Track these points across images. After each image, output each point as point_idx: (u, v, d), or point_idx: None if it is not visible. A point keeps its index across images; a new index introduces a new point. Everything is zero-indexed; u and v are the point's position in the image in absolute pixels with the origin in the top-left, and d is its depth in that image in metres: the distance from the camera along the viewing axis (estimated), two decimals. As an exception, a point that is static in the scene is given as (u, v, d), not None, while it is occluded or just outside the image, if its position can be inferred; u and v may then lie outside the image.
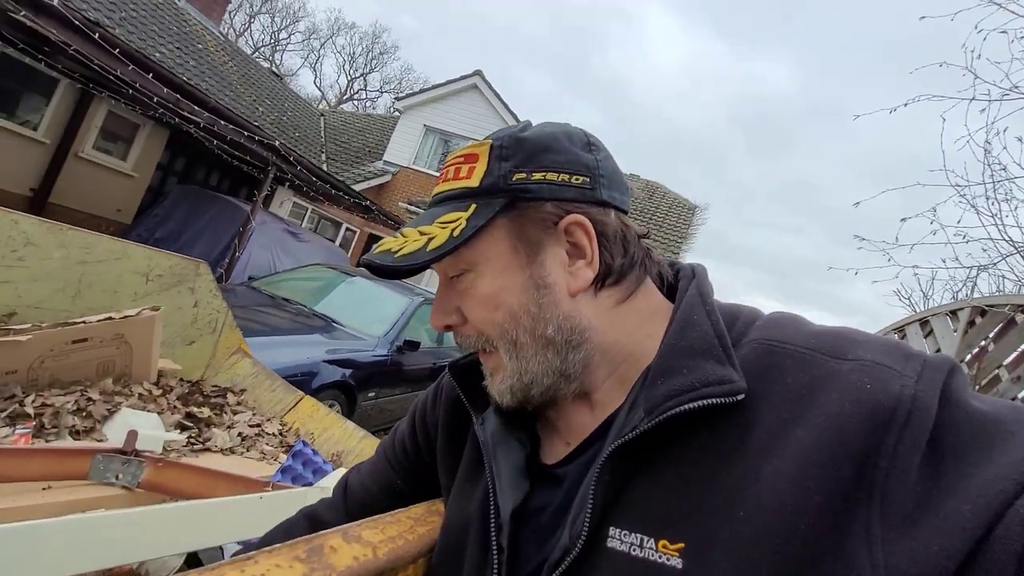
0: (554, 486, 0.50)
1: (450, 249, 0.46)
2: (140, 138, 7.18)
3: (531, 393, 0.50)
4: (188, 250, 5.66)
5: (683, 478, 0.41)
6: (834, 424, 0.37)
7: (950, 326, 2.42)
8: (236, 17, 26.76)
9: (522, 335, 0.49)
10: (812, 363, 0.41)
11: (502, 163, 0.49)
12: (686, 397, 0.41)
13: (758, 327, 0.47)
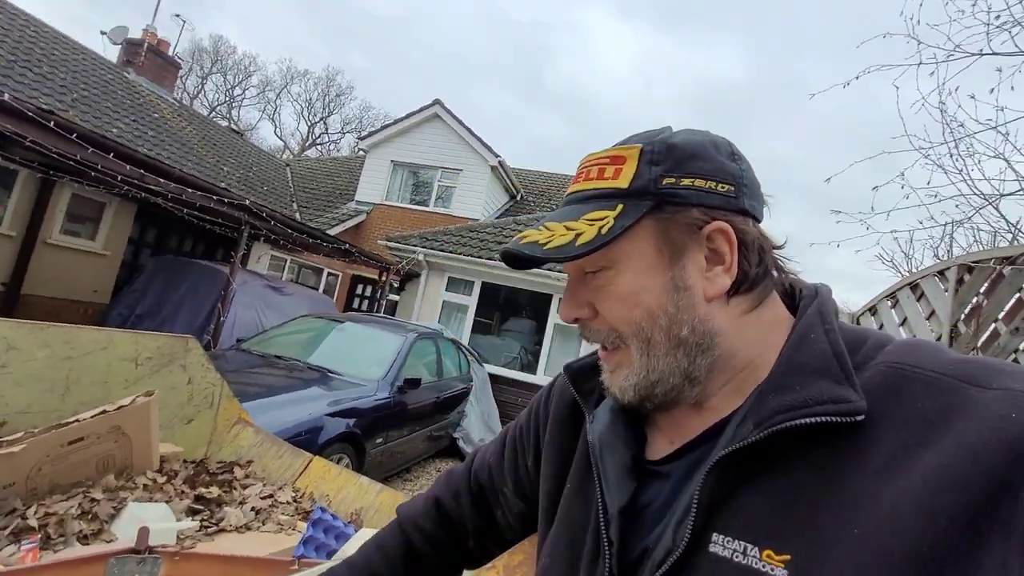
0: (659, 482, 0.52)
1: (598, 246, 0.48)
2: (107, 216, 7.08)
3: (654, 392, 0.51)
4: (171, 322, 5.55)
5: (793, 492, 0.42)
6: (970, 451, 0.36)
7: (940, 287, 2.46)
8: (188, 81, 26.83)
9: (657, 334, 0.50)
10: (948, 389, 0.40)
11: (652, 167, 0.50)
12: (797, 413, 0.42)
13: (888, 351, 0.46)
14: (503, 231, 8.89)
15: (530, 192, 13.40)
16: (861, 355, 0.46)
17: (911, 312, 2.66)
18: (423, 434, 5.11)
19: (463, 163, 11.33)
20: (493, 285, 8.35)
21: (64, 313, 6.68)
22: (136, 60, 9.89)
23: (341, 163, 15.19)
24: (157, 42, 10.51)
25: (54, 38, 8.32)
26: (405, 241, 8.49)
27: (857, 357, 0.46)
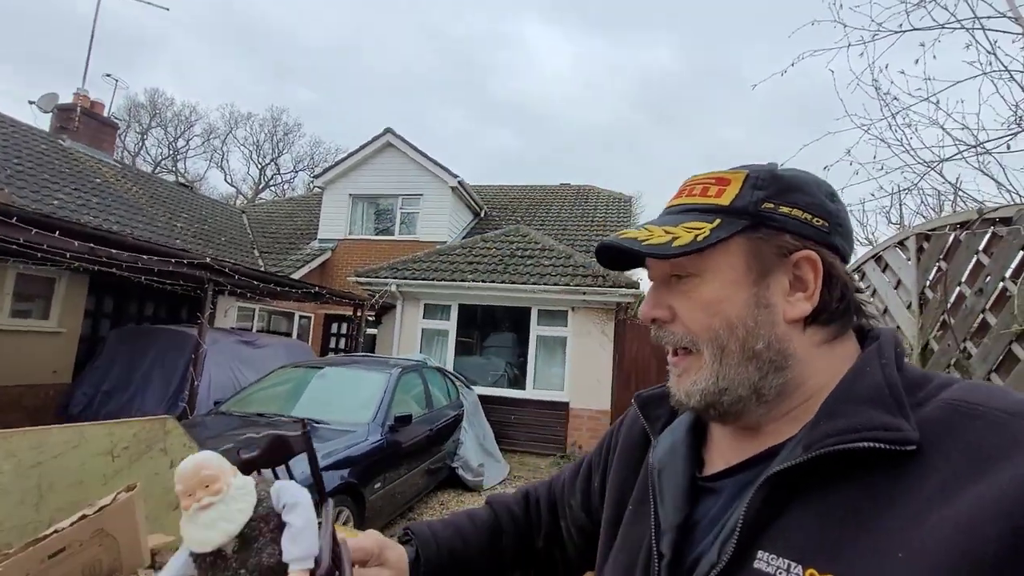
0: (711, 497, 0.55)
1: (692, 250, 0.51)
2: (59, 291, 6.75)
3: (721, 400, 0.53)
4: (141, 394, 5.30)
5: (840, 514, 0.43)
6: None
7: (902, 256, 2.56)
8: (127, 138, 26.04)
9: (732, 343, 0.52)
10: (1007, 425, 0.41)
11: (755, 191, 0.54)
12: (846, 437, 0.44)
13: (951, 390, 0.47)
14: (472, 251, 8.87)
15: (494, 207, 13.46)
16: (924, 393, 0.48)
17: (879, 283, 2.75)
18: (421, 470, 5.00)
19: (422, 188, 11.30)
20: (470, 306, 8.31)
21: (25, 399, 6.31)
22: (70, 126, 9.53)
23: (298, 203, 14.94)
24: (90, 105, 10.17)
25: (-22, 114, 7.96)
26: (375, 274, 8.38)
27: (920, 394, 0.47)
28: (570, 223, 12.26)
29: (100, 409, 5.26)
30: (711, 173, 0.58)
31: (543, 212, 13.05)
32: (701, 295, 0.54)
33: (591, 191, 14.36)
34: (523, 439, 7.55)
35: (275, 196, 28.46)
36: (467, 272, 8.15)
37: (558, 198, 14.01)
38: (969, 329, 2.04)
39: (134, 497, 1.71)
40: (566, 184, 15.22)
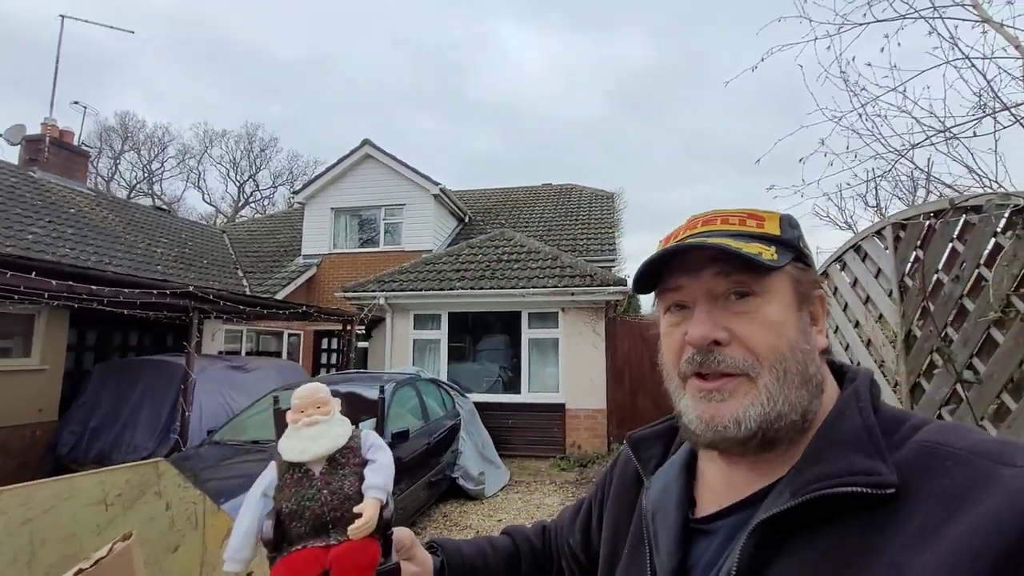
0: (706, 539, 0.55)
1: (778, 267, 0.53)
2: (39, 327, 6.60)
3: (775, 426, 0.51)
4: (131, 428, 5.20)
5: (828, 560, 0.44)
6: (992, 523, 0.39)
7: (880, 245, 2.61)
8: (100, 164, 25.56)
9: (793, 366, 0.52)
10: (975, 465, 0.43)
11: (792, 230, 0.58)
12: (830, 483, 0.46)
13: (924, 431, 0.49)
14: (459, 258, 8.86)
15: (478, 212, 13.45)
16: (900, 435, 0.49)
17: (860, 272, 2.80)
18: (422, 483, 4.98)
19: (404, 197, 11.26)
20: (460, 313, 8.29)
21: (10, 441, 6.15)
22: (40, 157, 9.33)
23: (280, 219, 14.79)
24: (60, 134, 9.95)
25: (-58, 151, 7.76)
26: (363, 288, 8.32)
27: (896, 436, 0.49)
28: (554, 223, 12.30)
29: (90, 447, 5.16)
30: (741, 209, 0.61)
31: (527, 213, 13.07)
32: (766, 315, 0.54)
33: (573, 189, 14.42)
34: (522, 443, 7.56)
35: (255, 213, 28.16)
36: (455, 280, 8.13)
37: (541, 198, 14.05)
38: (949, 315, 2.09)
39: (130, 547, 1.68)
40: (548, 184, 15.27)
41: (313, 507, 0.75)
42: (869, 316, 2.71)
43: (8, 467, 6.01)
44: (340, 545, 0.74)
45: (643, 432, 0.72)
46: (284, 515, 0.75)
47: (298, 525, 0.75)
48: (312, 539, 0.74)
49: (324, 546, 0.74)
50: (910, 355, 2.34)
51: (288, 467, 0.78)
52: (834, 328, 3.08)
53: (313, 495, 0.76)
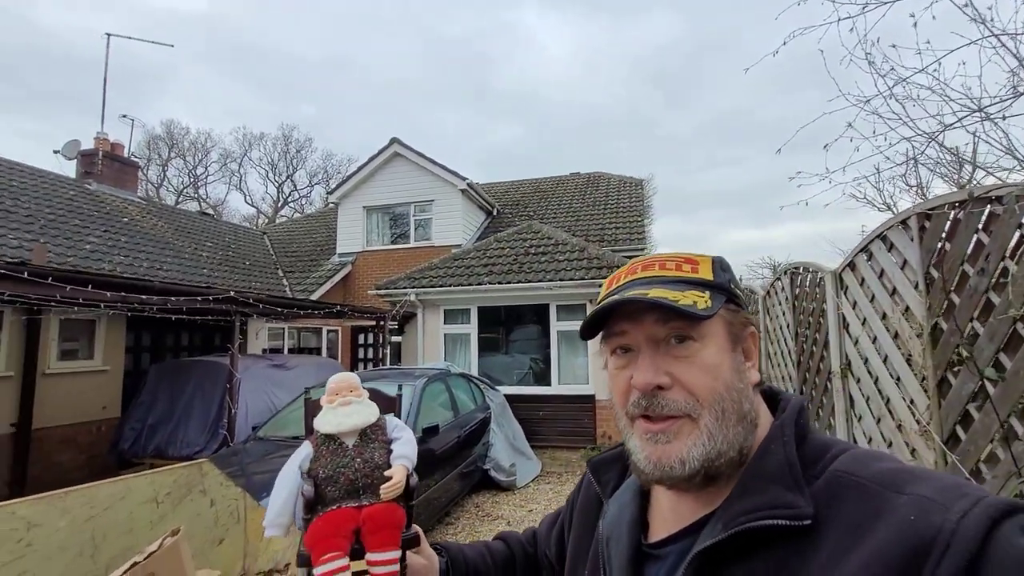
0: (657, 563, 0.60)
1: (712, 314, 0.57)
2: (100, 332, 7.12)
3: (716, 463, 0.55)
4: (184, 425, 5.58)
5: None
6: (881, 552, 0.43)
7: (905, 235, 2.52)
8: (150, 171, 26.94)
9: (730, 405, 0.56)
10: (873, 495, 0.48)
11: (723, 272, 0.63)
12: (754, 516, 0.50)
13: (840, 460, 0.53)
14: (487, 252, 8.95)
15: (505, 204, 13.50)
16: (820, 465, 0.54)
17: (886, 263, 2.72)
18: (455, 474, 5.14)
19: (433, 193, 11.42)
20: (489, 307, 8.40)
21: (79, 436, 6.71)
22: (94, 170, 9.97)
23: (316, 219, 15.27)
24: (111, 147, 10.59)
25: (10, 169, 8.40)
26: (394, 285, 8.54)
27: (817, 467, 0.53)
28: (583, 212, 12.21)
29: (148, 443, 5.57)
30: (676, 253, 0.65)
31: (555, 204, 13.02)
32: (703, 359, 0.57)
33: (601, 178, 14.24)
34: (553, 434, 7.64)
35: (294, 212, 29.09)
36: (483, 275, 8.24)
37: (569, 188, 13.95)
38: (975, 310, 2.01)
39: (179, 541, 1.86)
40: (576, 173, 15.14)
41: (347, 473, 0.87)
42: (896, 308, 2.63)
43: (78, 460, 6.56)
44: (371, 506, 0.86)
45: (603, 456, 0.76)
46: (320, 480, 0.87)
47: (333, 489, 0.86)
48: (345, 501, 0.86)
49: (357, 506, 0.86)
50: (936, 349, 2.27)
51: (324, 440, 0.91)
52: (862, 320, 3.00)
53: (347, 463, 0.89)
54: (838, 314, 3.28)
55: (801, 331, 4.09)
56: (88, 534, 1.73)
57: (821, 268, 3.55)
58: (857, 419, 3.11)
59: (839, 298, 3.27)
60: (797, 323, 4.17)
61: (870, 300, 2.88)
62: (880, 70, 3.12)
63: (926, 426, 2.36)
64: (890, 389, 2.68)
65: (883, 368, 2.75)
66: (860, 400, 3.05)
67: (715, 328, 0.59)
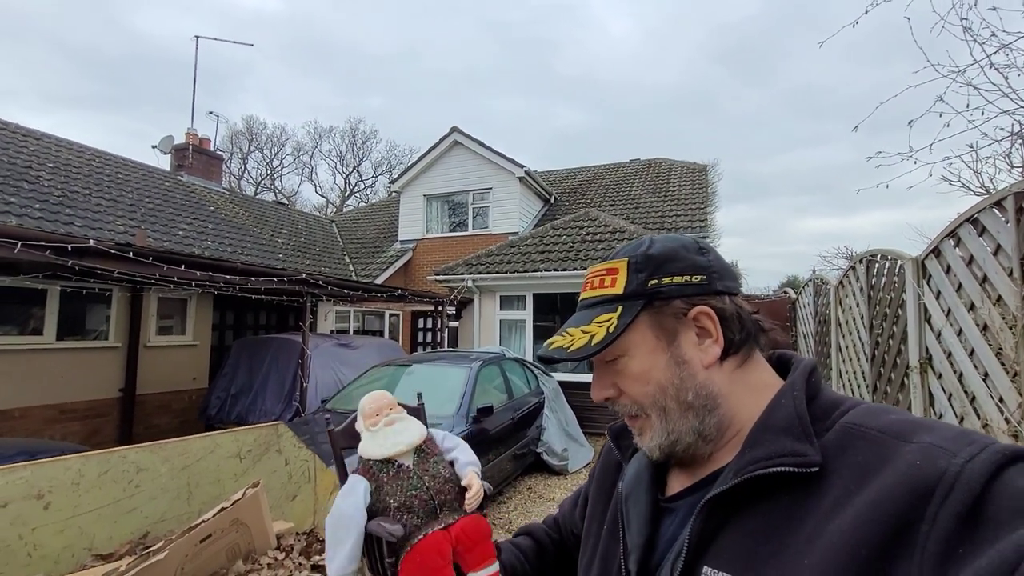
0: (671, 516, 0.63)
1: (608, 343, 0.61)
2: (191, 310, 7.85)
3: (676, 449, 0.62)
4: (262, 395, 6.08)
5: (765, 530, 0.51)
6: (886, 493, 0.45)
7: (1000, 218, 2.30)
8: (232, 164, 29.05)
9: (669, 402, 0.61)
10: (881, 444, 0.50)
11: (638, 274, 0.64)
12: (763, 464, 0.52)
13: (850, 413, 0.55)
14: (543, 240, 8.97)
15: (563, 191, 13.42)
16: (831, 419, 0.55)
17: (976, 249, 2.49)
18: (508, 455, 5.26)
19: (491, 181, 11.55)
20: (545, 295, 8.44)
21: (173, 403, 7.46)
22: (185, 163, 10.91)
23: (380, 207, 15.89)
24: (199, 141, 11.53)
25: (116, 163, 9.36)
26: (452, 271, 8.77)
27: (828, 421, 0.55)
28: (642, 200, 11.91)
29: (231, 410, 6.11)
30: (603, 264, 0.68)
31: (613, 192, 12.79)
32: (631, 370, 0.63)
33: (663, 164, 13.80)
34: (605, 423, 7.56)
35: (360, 202, 30.37)
36: (539, 262, 8.27)
37: (628, 175, 13.64)
38: (1078, 299, 1.82)
39: (259, 492, 2.07)
40: (636, 159, 14.75)
41: (420, 495, 0.79)
42: (986, 298, 2.41)
43: (172, 424, 7.31)
44: (457, 523, 0.79)
45: (621, 423, 0.77)
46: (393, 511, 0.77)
47: (410, 516, 0.77)
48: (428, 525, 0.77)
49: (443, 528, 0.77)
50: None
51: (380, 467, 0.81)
52: (946, 311, 2.77)
53: (416, 484, 0.80)
54: (919, 304, 3.04)
55: (877, 323, 3.83)
56: (184, 480, 1.96)
57: (901, 255, 3.30)
58: (937, 417, 2.89)
59: (921, 287, 3.04)
60: (872, 315, 3.90)
61: (956, 289, 2.66)
62: (978, 36, 2.84)
63: (1017, 426, 2.17)
64: (976, 386, 2.48)
65: (968, 363, 2.54)
66: (941, 397, 2.83)
67: (638, 336, 0.63)
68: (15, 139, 7.89)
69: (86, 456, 1.75)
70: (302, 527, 2.34)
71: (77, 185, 7.69)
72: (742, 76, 48.48)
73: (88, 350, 6.49)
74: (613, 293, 0.65)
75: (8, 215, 5.75)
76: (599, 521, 0.75)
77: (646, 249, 0.66)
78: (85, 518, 1.70)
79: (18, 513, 1.58)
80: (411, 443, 0.83)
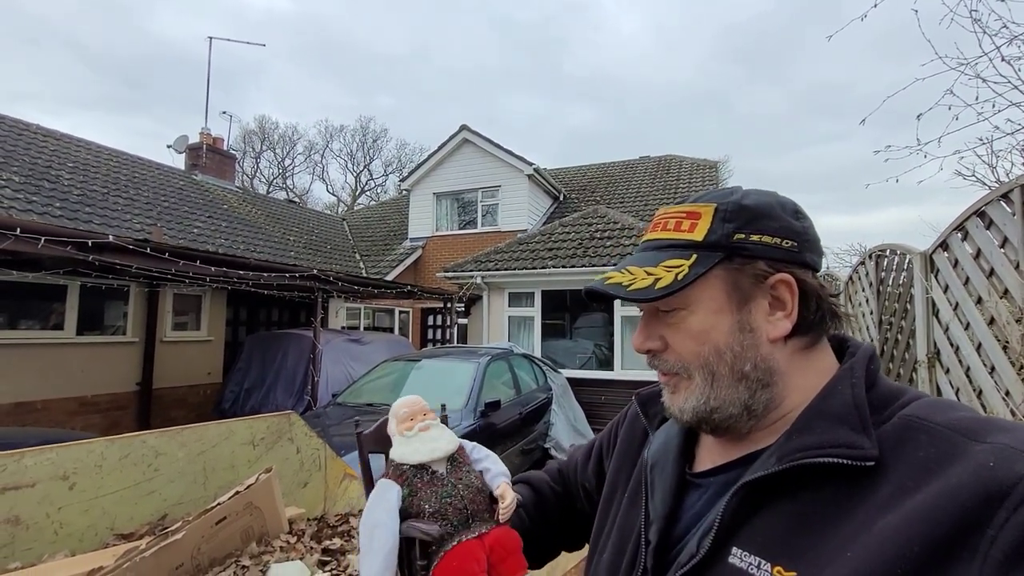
0: (697, 492, 0.61)
1: (675, 290, 0.55)
2: (205, 306, 8.01)
3: (712, 417, 0.57)
4: (274, 390, 6.19)
5: (806, 519, 0.48)
6: (951, 492, 0.42)
7: (1007, 210, 2.29)
8: (245, 163, 29.41)
9: (722, 368, 0.56)
10: (946, 440, 0.46)
11: (725, 224, 0.58)
12: (812, 452, 0.49)
13: (912, 406, 0.51)
14: (552, 237, 9.00)
15: (572, 189, 13.42)
16: (890, 410, 0.52)
17: (983, 242, 2.49)
18: (515, 450, 5.31)
19: (500, 179, 11.59)
20: (553, 292, 8.47)
21: (189, 397, 7.62)
22: (199, 162, 11.10)
23: (390, 205, 16.01)
24: (213, 141, 11.72)
25: (132, 163, 9.55)
26: (461, 268, 8.83)
27: (886, 412, 0.52)
28: (651, 197, 11.89)
29: (245, 404, 6.24)
30: (683, 205, 0.62)
31: (623, 189, 12.77)
32: (689, 326, 0.58)
33: (672, 161, 13.74)
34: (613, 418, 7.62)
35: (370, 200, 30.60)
36: (547, 259, 8.30)
37: (638, 172, 13.61)
38: (1083, 290, 1.82)
39: (272, 477, 2.13)
40: (646, 157, 14.71)
41: (454, 503, 0.78)
42: (993, 292, 2.41)
43: (188, 417, 7.47)
44: (490, 533, 0.78)
45: (650, 391, 0.76)
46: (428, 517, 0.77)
47: (444, 523, 0.77)
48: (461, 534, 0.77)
49: (477, 537, 0.77)
50: (1038, 335, 2.07)
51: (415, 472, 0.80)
52: (954, 305, 2.77)
53: (450, 491, 0.79)
54: (927, 299, 3.03)
55: (886, 318, 3.81)
56: (200, 465, 2.03)
57: (909, 250, 3.29)
58: (944, 412, 2.89)
59: (928, 282, 3.03)
60: (881, 309, 3.88)
61: (964, 283, 2.65)
62: (988, 28, 2.82)
63: (1022, 419, 2.17)
64: (983, 380, 2.47)
65: (976, 357, 2.53)
66: (948, 391, 2.83)
67: (707, 292, 0.57)
68: (36, 140, 8.09)
69: (109, 440, 1.83)
70: (313, 513, 2.40)
71: (96, 184, 7.87)
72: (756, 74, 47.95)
73: (107, 345, 6.66)
74: (690, 239, 0.58)
75: (30, 213, 5.91)
76: (621, 488, 0.73)
77: (739, 199, 0.59)
78: (107, 499, 1.78)
79: (45, 493, 1.66)
80: (447, 450, 0.82)
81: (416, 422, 0.84)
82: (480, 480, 0.82)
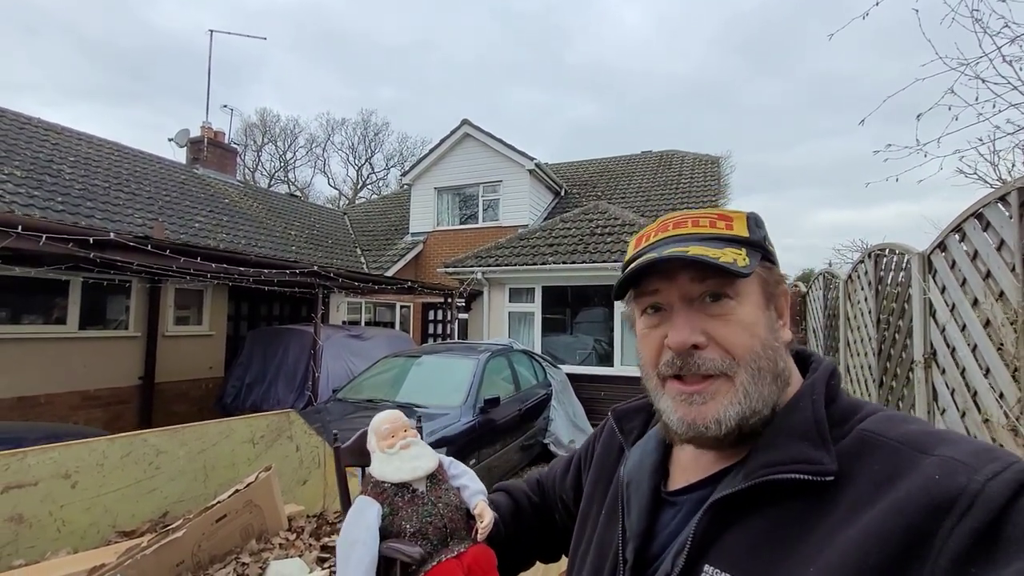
0: (672, 510, 0.62)
1: (750, 272, 0.56)
2: (207, 301, 8.04)
3: (751, 421, 0.55)
4: (275, 385, 6.22)
5: (772, 535, 0.50)
6: (901, 506, 0.44)
7: (1004, 213, 2.29)
8: (246, 157, 29.37)
9: (765, 363, 0.56)
10: (898, 454, 0.48)
11: (758, 229, 0.62)
12: (776, 469, 0.51)
13: (868, 420, 0.53)
14: (552, 232, 8.99)
15: (573, 184, 13.39)
16: (849, 424, 0.54)
17: (979, 244, 2.49)
18: (515, 446, 5.35)
19: (501, 174, 11.57)
20: (554, 287, 8.48)
21: (191, 392, 7.67)
22: (201, 156, 11.09)
23: (391, 200, 16.00)
24: (214, 135, 11.70)
25: (134, 157, 9.55)
26: (461, 264, 8.84)
27: (845, 426, 0.54)
28: (653, 192, 11.86)
29: (246, 399, 6.28)
30: (710, 210, 0.64)
31: (624, 184, 12.74)
32: (740, 317, 0.57)
33: (674, 156, 13.69)
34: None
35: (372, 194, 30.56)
36: (548, 255, 8.31)
37: (640, 168, 13.56)
38: (1077, 295, 1.82)
39: (271, 475, 2.16)
40: (647, 152, 14.65)
41: (434, 522, 0.78)
42: (989, 293, 2.42)
43: (191, 412, 7.53)
44: (468, 551, 0.78)
45: (626, 406, 0.78)
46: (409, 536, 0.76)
47: (424, 543, 0.77)
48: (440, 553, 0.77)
49: (456, 556, 0.77)
50: (1033, 339, 2.08)
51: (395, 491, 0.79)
52: (951, 306, 2.78)
53: (430, 511, 0.79)
54: (924, 299, 3.04)
55: (884, 318, 3.82)
56: (200, 463, 2.05)
57: (908, 250, 3.29)
58: (940, 412, 2.90)
59: (926, 282, 3.03)
60: (880, 309, 3.89)
61: (960, 284, 2.66)
62: (989, 29, 2.81)
63: (1015, 421, 2.18)
64: (977, 381, 2.49)
65: (971, 358, 2.55)
66: (944, 392, 2.84)
67: (751, 286, 0.58)
68: (37, 134, 8.09)
69: (110, 439, 1.85)
70: (312, 510, 2.43)
71: (97, 179, 7.88)
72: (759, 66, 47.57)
73: (109, 339, 6.69)
74: (739, 235, 0.60)
75: (32, 208, 5.93)
76: (598, 504, 0.74)
77: (752, 213, 0.63)
78: (109, 497, 1.80)
79: (48, 491, 1.69)
80: (428, 469, 0.82)
81: (398, 439, 0.83)
82: (458, 498, 0.82)
